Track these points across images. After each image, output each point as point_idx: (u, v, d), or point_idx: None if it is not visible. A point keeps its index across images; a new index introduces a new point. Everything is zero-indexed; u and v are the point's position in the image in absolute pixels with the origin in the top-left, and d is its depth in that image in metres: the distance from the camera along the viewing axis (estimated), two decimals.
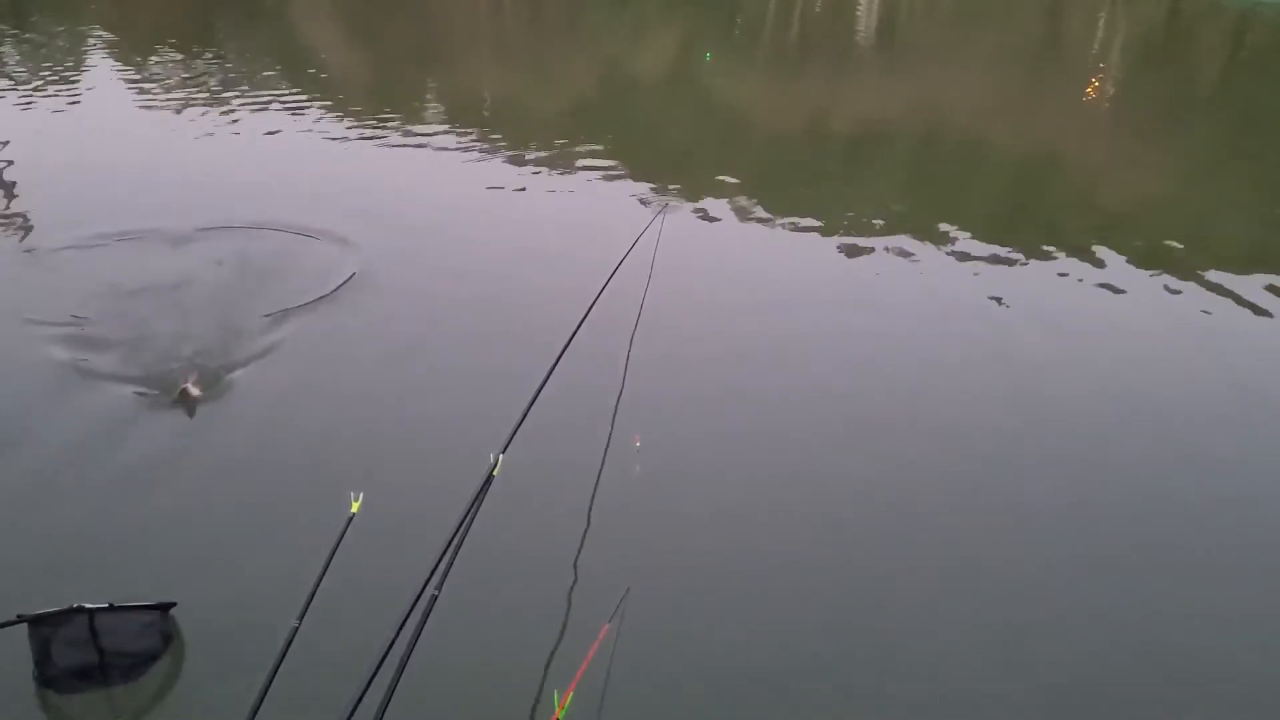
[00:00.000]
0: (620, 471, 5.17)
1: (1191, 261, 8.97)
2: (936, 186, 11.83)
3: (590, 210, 9.95)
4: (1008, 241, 9.32)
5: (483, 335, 6.81)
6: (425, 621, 2.93)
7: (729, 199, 10.22)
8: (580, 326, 4.85)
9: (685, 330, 6.96)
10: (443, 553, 3.16)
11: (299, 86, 14.76)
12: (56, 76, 14.67)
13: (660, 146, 13.15)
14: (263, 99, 13.74)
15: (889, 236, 9.43)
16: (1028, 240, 9.38)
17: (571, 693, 3.14)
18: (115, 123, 12.38)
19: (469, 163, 11.36)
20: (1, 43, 17.55)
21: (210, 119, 12.49)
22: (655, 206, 9.23)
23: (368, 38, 21.39)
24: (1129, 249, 9.13)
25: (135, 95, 13.95)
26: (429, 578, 3.07)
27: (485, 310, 7.21)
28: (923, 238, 9.36)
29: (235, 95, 13.92)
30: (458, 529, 3.28)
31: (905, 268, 8.67)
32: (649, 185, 10.57)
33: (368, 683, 2.72)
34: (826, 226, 9.55)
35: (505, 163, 11.39)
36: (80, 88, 14.00)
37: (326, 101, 13.80)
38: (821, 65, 21.47)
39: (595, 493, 5.04)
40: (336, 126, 12.52)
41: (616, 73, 19.38)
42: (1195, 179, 12.86)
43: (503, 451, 3.76)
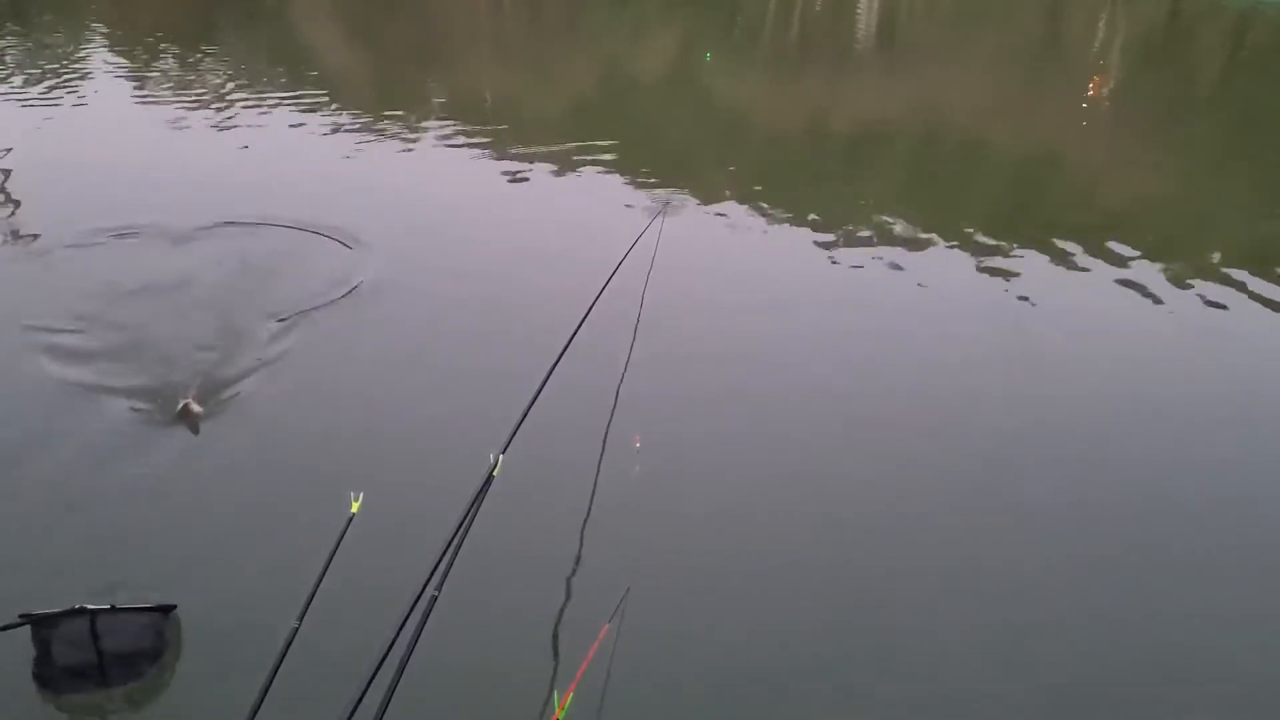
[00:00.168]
0: (620, 471, 5.17)
1: (1192, 261, 8.97)
2: (936, 186, 11.83)
3: (590, 210, 9.94)
4: (1007, 241, 9.32)
5: (483, 335, 6.82)
6: (425, 621, 2.93)
7: (729, 199, 10.22)
8: (580, 326, 4.85)
9: (685, 330, 6.96)
10: (443, 553, 3.16)
11: (299, 86, 14.77)
12: (57, 76, 14.67)
13: (660, 146, 13.14)
14: (262, 99, 13.74)
15: (889, 236, 9.43)
16: (1027, 240, 9.37)
17: (571, 693, 3.14)
18: (115, 122, 12.38)
19: (469, 163, 11.36)
20: (2, 42, 17.54)
21: (210, 119, 12.49)
22: (655, 206, 9.23)
23: (368, 38, 21.39)
24: (1129, 249, 9.12)
25: (135, 94, 13.95)
26: (429, 578, 3.06)
27: (485, 310, 7.21)
28: (923, 238, 9.37)
29: (235, 95, 13.92)
30: (458, 529, 3.28)
31: (905, 268, 8.67)
32: (649, 185, 10.57)
33: (368, 683, 2.72)
34: (826, 226, 9.55)
35: (505, 163, 11.39)
36: (80, 87, 13.99)
37: (326, 101, 13.80)
38: (821, 65, 21.46)
39: (595, 493, 5.04)
40: (336, 126, 12.51)
41: (616, 73, 19.37)
42: (1195, 179, 12.86)
43: (503, 451, 3.75)
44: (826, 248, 9.08)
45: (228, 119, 12.53)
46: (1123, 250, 9.08)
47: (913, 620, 4.37)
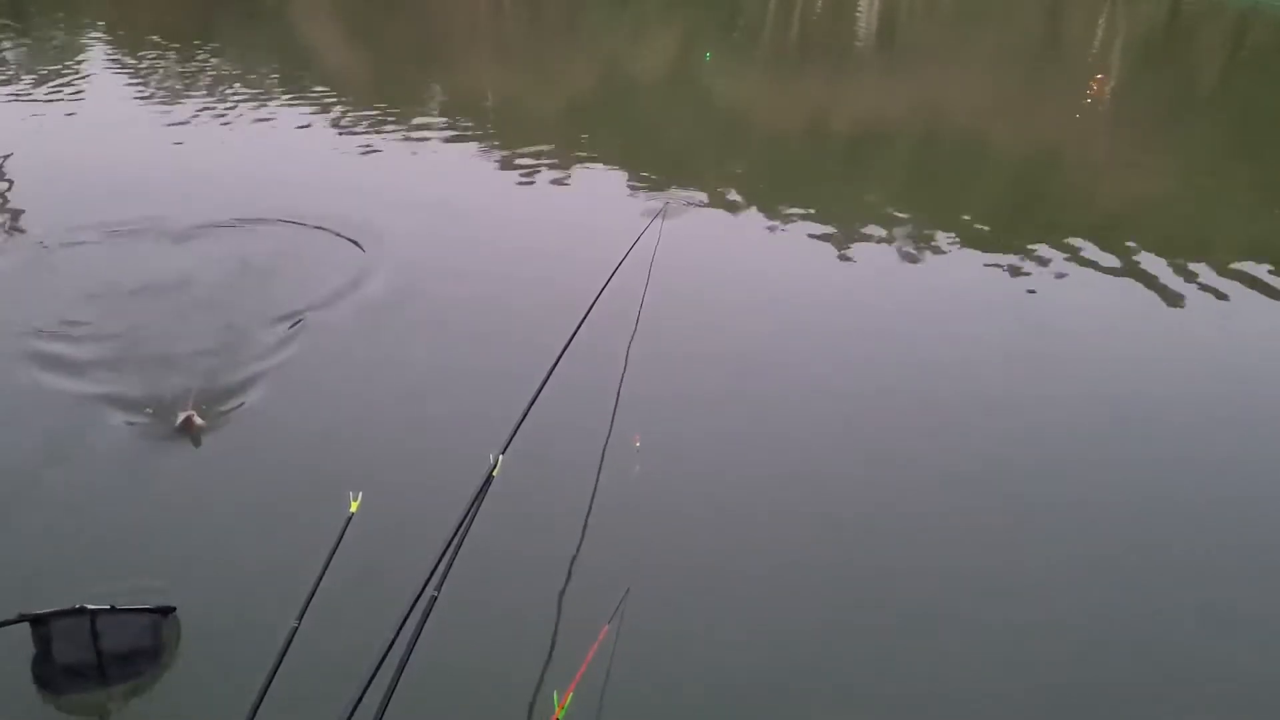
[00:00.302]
0: (620, 471, 5.17)
1: (1192, 261, 8.96)
2: (937, 186, 11.83)
3: (590, 210, 9.94)
4: (1008, 241, 9.33)
5: (483, 335, 6.81)
6: (425, 621, 2.93)
7: (729, 199, 10.22)
8: (580, 326, 4.86)
9: (685, 330, 6.95)
10: (443, 553, 3.16)
11: (299, 86, 14.76)
12: (56, 75, 14.66)
13: (660, 146, 13.14)
14: (262, 98, 13.72)
15: (889, 236, 9.43)
16: (1028, 240, 9.38)
17: (571, 693, 3.14)
18: (114, 121, 12.35)
19: (469, 163, 11.35)
20: (1, 41, 17.54)
21: (209, 118, 12.48)
22: (655, 206, 9.23)
23: (368, 37, 21.38)
24: (1129, 248, 9.13)
25: (135, 94, 13.93)
26: (429, 578, 3.07)
27: (485, 310, 7.21)
28: (923, 238, 9.37)
29: (234, 95, 13.90)
30: (458, 529, 3.28)
31: (905, 267, 8.67)
32: (649, 185, 10.56)
33: (368, 683, 2.72)
34: (826, 226, 9.55)
35: (505, 163, 11.38)
36: (79, 86, 13.98)
37: (326, 101, 13.79)
38: (821, 65, 21.46)
39: (595, 493, 5.04)
40: (336, 126, 12.50)
41: (616, 73, 19.37)
42: (1195, 178, 12.86)
43: (503, 452, 3.76)
44: (826, 248, 9.08)
45: (227, 119, 12.52)
46: (1123, 250, 9.09)
47: (912, 620, 4.37)
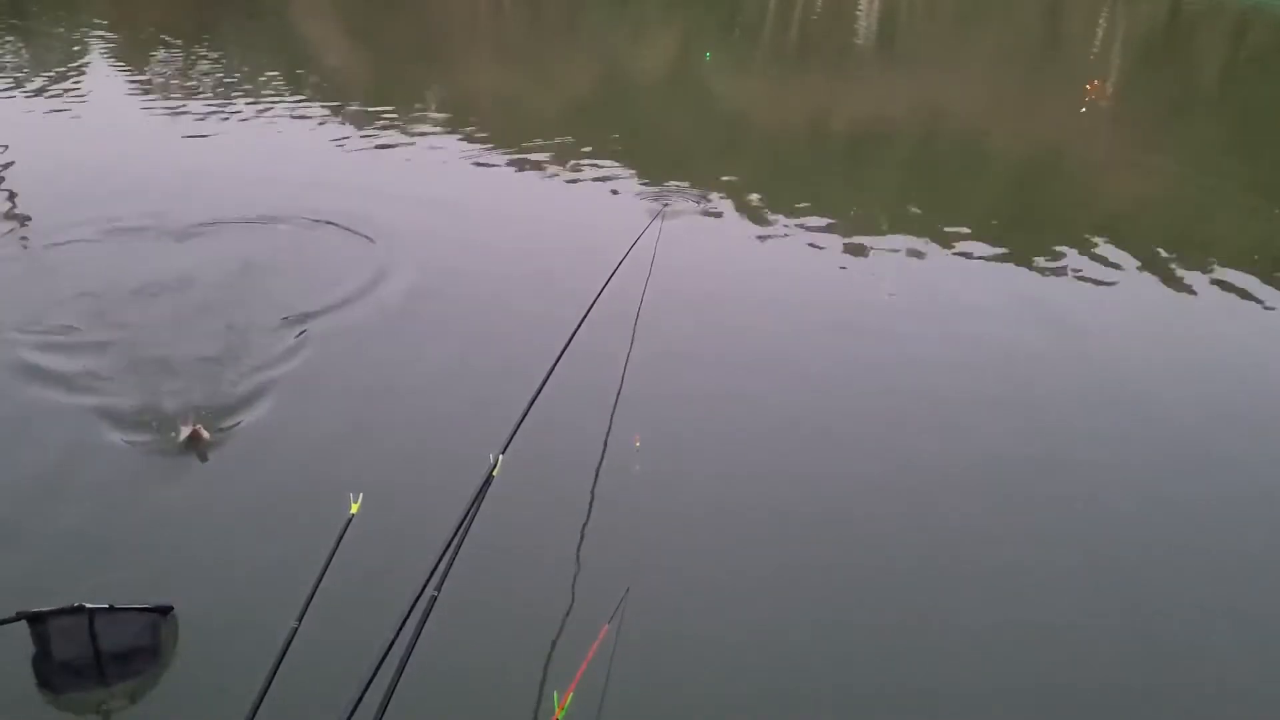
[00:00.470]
0: (620, 471, 5.17)
1: (1193, 260, 8.97)
2: (937, 186, 11.83)
3: (590, 210, 9.94)
4: (1008, 240, 9.32)
5: (483, 335, 6.81)
6: (425, 621, 2.92)
7: (729, 199, 10.21)
8: (580, 326, 4.85)
9: (685, 330, 6.95)
10: (443, 553, 3.16)
11: (298, 86, 14.75)
12: (56, 74, 14.66)
13: (660, 146, 13.13)
14: (261, 98, 13.72)
15: (889, 236, 9.43)
16: (1028, 239, 9.38)
17: (571, 693, 3.14)
18: (114, 120, 12.36)
19: (469, 163, 11.34)
20: (1, 39, 17.54)
21: (209, 118, 12.47)
22: (655, 206, 9.23)
23: (368, 37, 21.37)
24: (1130, 248, 9.13)
25: (135, 93, 13.93)
26: (429, 578, 3.06)
27: (485, 310, 7.21)
28: (923, 237, 9.36)
29: (234, 94, 13.89)
30: (458, 529, 3.28)
31: (905, 267, 8.67)
32: (649, 185, 10.56)
33: (368, 683, 2.72)
34: (826, 226, 9.54)
35: (505, 163, 11.38)
36: (80, 86, 13.97)
37: (326, 101, 13.79)
38: (822, 65, 21.46)
39: (595, 493, 5.04)
40: (336, 126, 12.50)
41: (616, 72, 19.36)
42: (1196, 178, 12.86)
43: (503, 451, 3.75)
44: (826, 247, 9.07)
45: (226, 118, 12.51)
46: (1124, 249, 9.09)
47: (913, 620, 4.37)
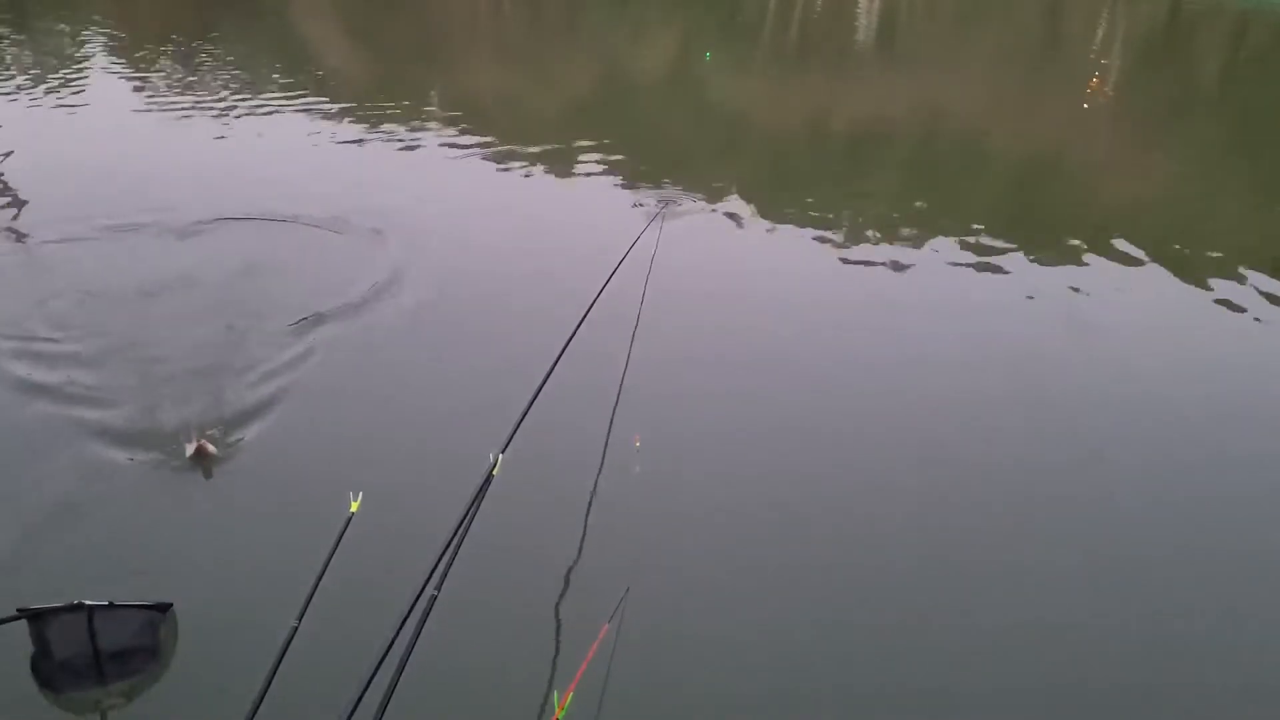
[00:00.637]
0: (620, 471, 5.17)
1: (1194, 260, 8.97)
2: (937, 186, 11.83)
3: (590, 210, 9.94)
4: (1008, 240, 9.32)
5: (483, 335, 6.81)
6: (425, 621, 2.92)
7: (729, 199, 10.21)
8: (580, 326, 4.85)
9: (685, 330, 6.95)
10: (443, 553, 3.15)
11: (299, 86, 14.75)
12: (57, 74, 14.66)
13: (660, 146, 13.14)
14: (261, 98, 13.73)
15: (889, 236, 9.43)
16: (1028, 239, 9.38)
17: (571, 693, 3.13)
18: (114, 120, 12.36)
19: (469, 163, 11.35)
20: (2, 40, 17.54)
21: (209, 118, 12.48)
22: (655, 206, 9.23)
23: (368, 38, 21.37)
24: (1131, 247, 9.13)
25: (135, 93, 13.93)
26: (429, 578, 3.06)
27: (485, 309, 7.21)
28: (923, 237, 9.36)
29: (234, 94, 13.91)
30: (458, 529, 3.28)
31: (906, 267, 8.67)
32: (649, 185, 10.56)
33: (368, 683, 2.72)
34: (826, 226, 9.55)
35: (505, 163, 11.38)
36: (81, 86, 13.98)
37: (326, 101, 13.79)
38: (822, 65, 21.46)
39: (595, 493, 5.03)
40: (336, 127, 12.50)
41: (616, 73, 19.37)
42: (1196, 178, 12.86)
43: (503, 451, 3.75)
44: (826, 247, 9.07)
45: (226, 118, 12.52)
46: (1124, 249, 9.09)
47: (914, 620, 4.36)
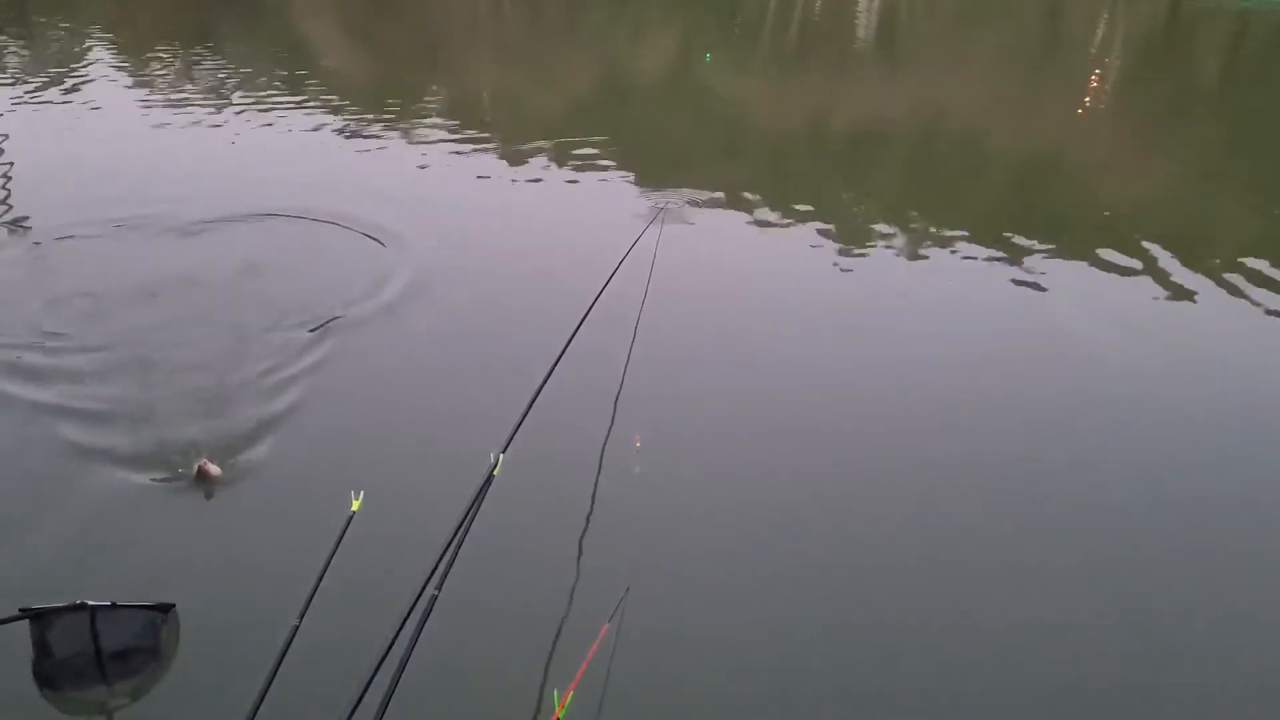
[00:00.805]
0: (620, 471, 5.17)
1: (1194, 260, 8.96)
2: (937, 186, 11.84)
3: (590, 210, 9.95)
4: (1008, 240, 9.32)
5: (483, 335, 6.82)
6: (425, 621, 2.92)
7: (729, 199, 10.22)
8: (580, 326, 4.85)
9: (685, 330, 6.95)
10: (443, 553, 3.16)
11: (298, 86, 14.76)
12: (57, 75, 14.67)
13: (660, 147, 13.14)
14: (261, 98, 13.74)
15: (889, 236, 9.44)
16: (1028, 239, 9.38)
17: (571, 693, 3.13)
18: (115, 121, 12.37)
19: (469, 163, 11.35)
20: (3, 40, 17.54)
21: (209, 119, 12.49)
22: (655, 206, 9.24)
23: (367, 38, 21.38)
24: (1130, 248, 9.12)
25: (136, 93, 13.94)
26: (429, 578, 3.06)
27: (485, 310, 7.21)
28: (923, 237, 9.37)
29: (234, 95, 13.92)
30: (458, 529, 3.28)
31: (905, 267, 8.68)
32: (649, 185, 10.57)
33: (368, 683, 2.72)
34: (826, 226, 9.55)
35: (505, 163, 11.39)
36: (81, 86, 13.99)
37: (325, 102, 13.80)
38: (821, 66, 21.48)
39: (595, 493, 5.04)
40: (335, 127, 12.51)
41: (616, 73, 19.38)
42: (1196, 178, 12.87)
43: (503, 451, 3.76)
44: (826, 248, 9.08)
45: (227, 118, 12.53)
46: (1124, 249, 9.09)
47: (914, 620, 4.36)
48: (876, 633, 4.29)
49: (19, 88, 13.67)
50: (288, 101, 13.67)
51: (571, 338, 4.68)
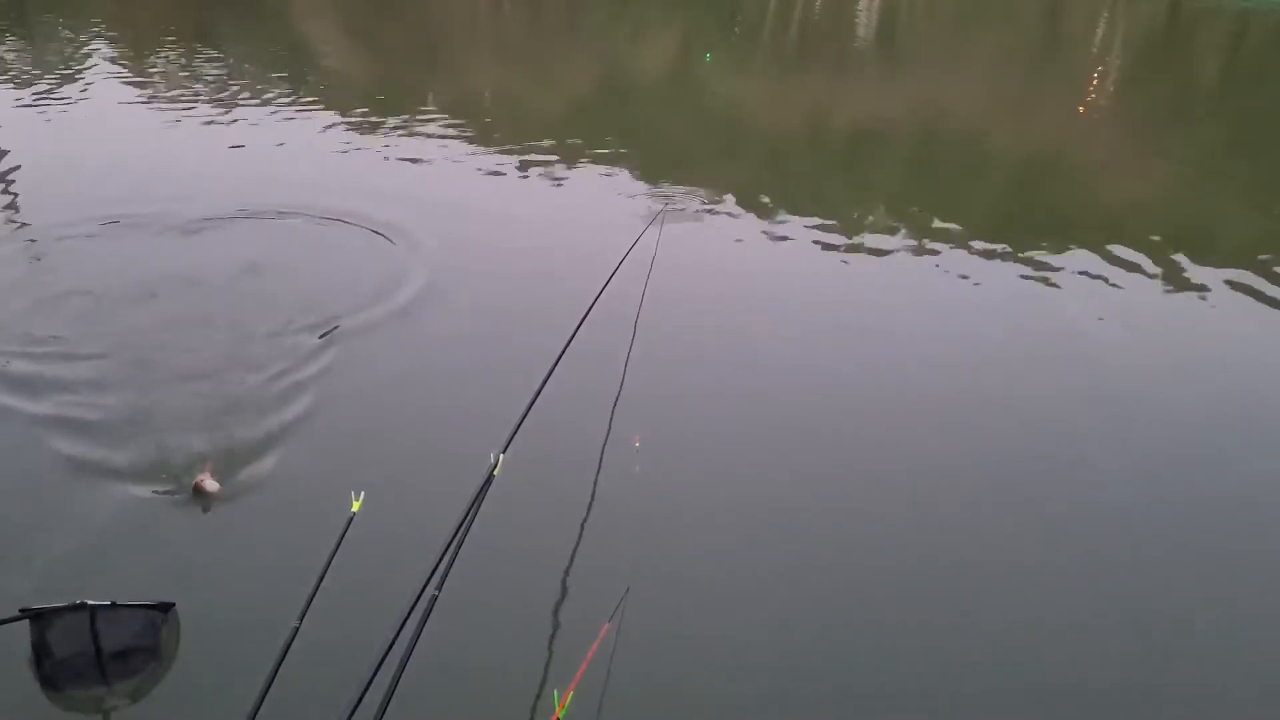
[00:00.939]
0: (620, 471, 5.17)
1: (1195, 260, 8.96)
2: (937, 186, 11.83)
3: (590, 210, 9.95)
4: (1009, 240, 9.32)
5: (483, 335, 6.81)
6: (425, 621, 2.93)
7: (729, 199, 10.22)
8: (580, 326, 4.85)
9: (685, 330, 6.96)
10: (443, 553, 3.16)
11: (298, 86, 14.77)
12: (58, 74, 14.68)
13: (660, 147, 13.14)
14: (261, 98, 13.74)
15: (889, 236, 9.44)
16: (1029, 239, 9.38)
17: (571, 693, 3.13)
18: (115, 121, 12.38)
19: (468, 163, 11.35)
20: (3, 40, 17.55)
21: (209, 118, 12.49)
22: (655, 207, 9.24)
23: (367, 38, 21.39)
24: (1132, 247, 9.12)
25: (136, 93, 13.94)
26: (429, 578, 3.06)
27: (485, 310, 7.21)
28: (923, 237, 9.37)
29: (234, 95, 13.92)
30: (458, 529, 3.28)
31: (905, 267, 8.67)
32: (649, 185, 10.57)
33: (368, 683, 2.72)
34: (826, 226, 9.55)
35: (505, 163, 11.39)
36: (81, 85, 13.99)
37: (325, 101, 13.80)
38: (821, 66, 21.48)
39: (595, 493, 5.04)
40: (336, 127, 12.51)
41: (616, 73, 19.38)
42: (1196, 178, 12.86)
43: (503, 451, 3.76)
44: (826, 247, 9.08)
45: (227, 118, 12.53)
46: (1125, 249, 9.08)
47: (914, 621, 4.36)
48: (876, 633, 4.29)
49: (19, 87, 13.67)
50: (287, 101, 13.67)
51: (571, 338, 4.68)
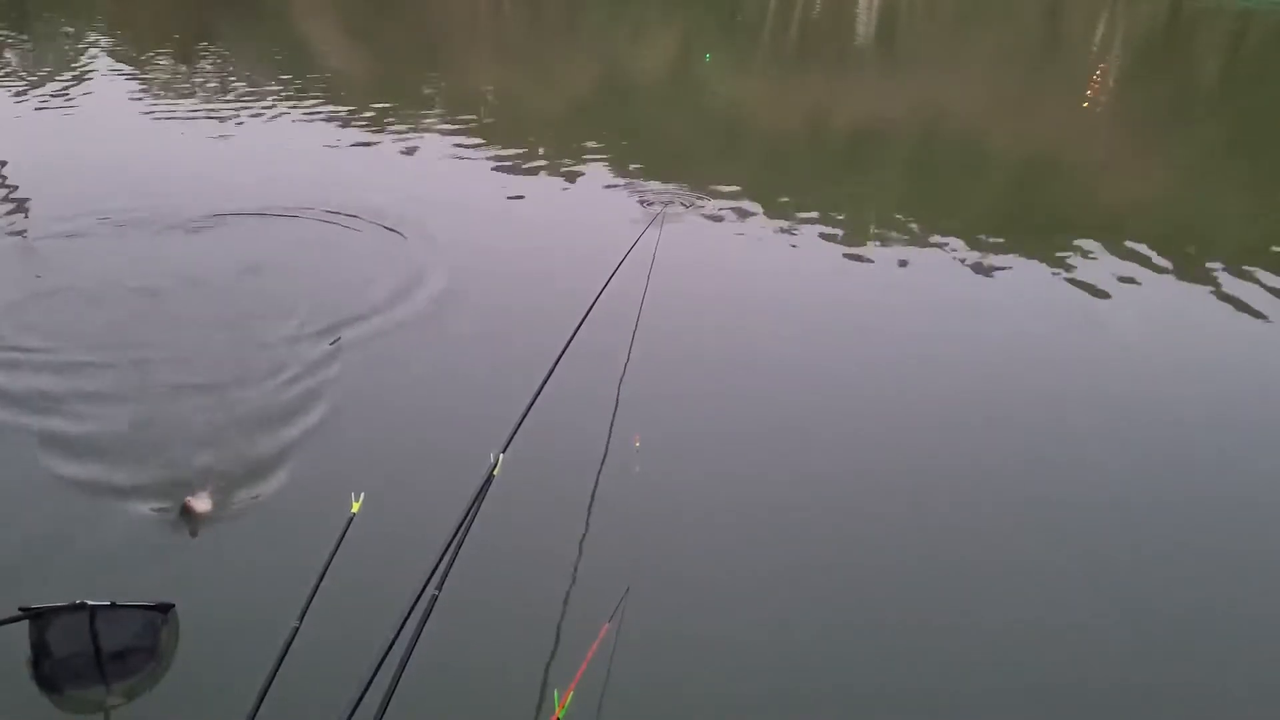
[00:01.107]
0: (620, 471, 5.17)
1: (1194, 260, 8.98)
2: (937, 186, 11.84)
3: (590, 210, 9.95)
4: (1008, 240, 9.33)
5: (483, 335, 6.81)
6: (425, 621, 2.92)
7: (729, 199, 10.21)
8: (580, 326, 4.85)
9: (685, 330, 6.96)
10: (443, 553, 3.16)
11: (298, 86, 14.76)
12: (58, 74, 14.67)
13: (660, 146, 13.14)
14: (262, 98, 13.73)
15: (889, 236, 9.44)
16: (1029, 239, 9.39)
17: (571, 693, 3.13)
18: (115, 121, 12.37)
19: (468, 163, 11.35)
20: (4, 40, 17.54)
21: (209, 118, 12.48)
22: (655, 206, 9.24)
23: (368, 38, 21.39)
24: (1131, 248, 9.13)
25: (137, 93, 13.94)
26: (429, 578, 3.06)
27: (485, 310, 7.20)
28: (923, 236, 9.37)
29: (234, 95, 13.92)
30: (458, 529, 3.28)
31: (906, 267, 8.67)
32: (649, 185, 10.56)
33: (368, 683, 2.72)
34: (826, 226, 9.55)
35: (505, 163, 11.39)
36: (82, 85, 13.99)
37: (326, 101, 13.80)
38: (821, 66, 21.48)
39: (595, 493, 5.04)
40: (336, 126, 12.51)
41: (616, 73, 19.38)
42: (1196, 178, 12.87)
43: (503, 451, 3.75)
44: (826, 248, 9.08)
45: (227, 118, 12.52)
46: (1125, 249, 9.09)
47: (914, 621, 4.36)
48: (876, 633, 4.29)
49: (19, 87, 13.67)
50: (287, 101, 13.67)
51: (572, 338, 4.68)
